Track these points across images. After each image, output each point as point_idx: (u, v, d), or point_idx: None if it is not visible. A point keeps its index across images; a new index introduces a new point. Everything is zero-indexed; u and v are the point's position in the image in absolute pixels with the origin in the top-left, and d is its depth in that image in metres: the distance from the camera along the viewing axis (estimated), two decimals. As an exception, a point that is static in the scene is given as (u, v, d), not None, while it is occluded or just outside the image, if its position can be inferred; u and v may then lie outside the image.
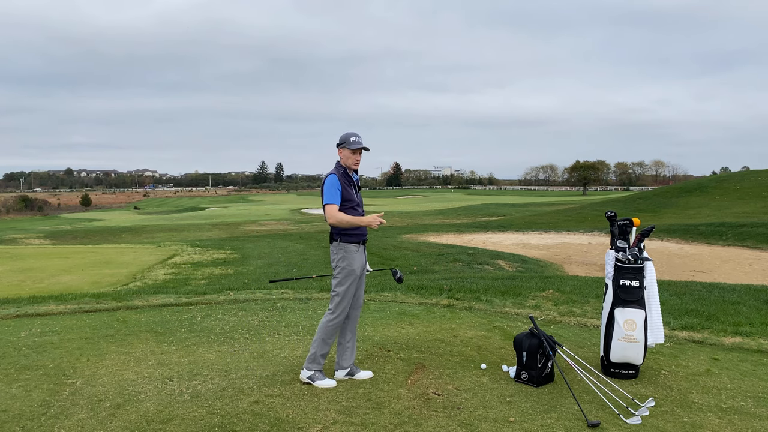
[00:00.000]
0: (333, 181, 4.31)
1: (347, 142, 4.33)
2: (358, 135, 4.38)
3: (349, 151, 4.34)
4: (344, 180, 4.35)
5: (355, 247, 4.40)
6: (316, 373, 4.34)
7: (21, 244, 27.73)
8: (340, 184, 4.31)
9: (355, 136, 4.36)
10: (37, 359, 4.93)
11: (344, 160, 4.37)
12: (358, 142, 4.34)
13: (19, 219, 63.43)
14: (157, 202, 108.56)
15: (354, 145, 4.32)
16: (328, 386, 4.29)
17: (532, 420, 3.75)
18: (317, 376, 4.34)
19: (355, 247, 4.41)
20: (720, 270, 15.86)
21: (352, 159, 4.36)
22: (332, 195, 4.30)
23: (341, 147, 4.37)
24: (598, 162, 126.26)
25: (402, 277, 4.89)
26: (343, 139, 4.37)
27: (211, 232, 38.16)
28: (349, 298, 4.39)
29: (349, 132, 4.39)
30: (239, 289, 8.55)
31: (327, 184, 4.30)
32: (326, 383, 4.32)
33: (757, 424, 3.73)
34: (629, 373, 4.57)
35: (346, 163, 4.37)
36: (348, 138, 4.35)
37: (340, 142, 4.37)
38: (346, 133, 4.39)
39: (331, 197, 4.29)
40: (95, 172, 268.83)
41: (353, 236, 4.42)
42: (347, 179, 4.38)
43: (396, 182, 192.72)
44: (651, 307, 4.63)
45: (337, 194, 4.29)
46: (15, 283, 12.29)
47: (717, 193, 39.28)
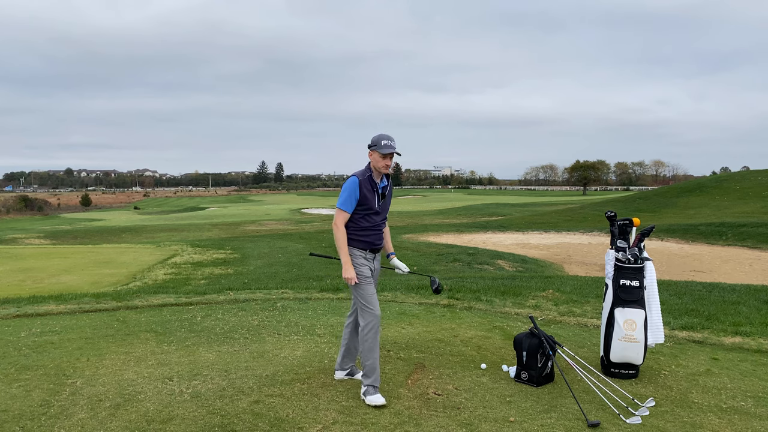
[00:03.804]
0: (350, 184, 4.12)
1: (378, 144, 4.10)
2: (391, 138, 4.13)
3: (380, 155, 4.11)
4: (366, 184, 4.13)
5: (360, 253, 4.22)
6: (369, 388, 4.09)
7: (21, 244, 27.72)
8: (360, 188, 4.10)
9: (387, 138, 4.11)
10: (37, 359, 4.93)
11: (374, 163, 4.15)
12: (389, 146, 4.09)
13: (19, 219, 63.41)
14: (157, 202, 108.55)
15: (385, 149, 4.08)
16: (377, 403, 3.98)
17: (532, 420, 3.75)
18: (369, 390, 4.08)
19: (361, 253, 4.22)
20: (720, 270, 15.86)
21: (382, 163, 4.13)
22: (344, 199, 4.13)
23: (372, 149, 4.14)
24: (598, 162, 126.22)
25: (440, 288, 4.48)
26: (375, 141, 4.14)
27: (211, 232, 38.16)
28: (371, 299, 4.16)
29: (381, 134, 4.15)
30: (239, 289, 8.55)
31: (347, 186, 4.13)
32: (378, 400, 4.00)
33: (757, 424, 3.73)
34: (629, 373, 4.57)
35: (376, 167, 4.15)
36: (379, 141, 4.11)
37: (372, 144, 4.14)
38: (378, 136, 4.15)
39: (343, 202, 4.13)
40: (95, 172, 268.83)
41: (359, 242, 4.22)
42: (370, 184, 4.15)
43: (396, 182, 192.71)
44: (651, 307, 4.63)
45: (350, 200, 4.11)
46: (15, 283, 12.29)
47: (717, 193, 39.25)
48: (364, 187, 4.13)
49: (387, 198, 4.31)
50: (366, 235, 4.21)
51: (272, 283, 10.20)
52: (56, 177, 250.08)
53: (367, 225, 4.22)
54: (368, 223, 4.22)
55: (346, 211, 4.13)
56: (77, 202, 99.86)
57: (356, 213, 4.17)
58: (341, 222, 4.13)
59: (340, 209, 4.13)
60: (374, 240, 4.26)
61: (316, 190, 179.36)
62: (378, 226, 4.28)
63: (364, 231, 4.20)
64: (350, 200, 4.11)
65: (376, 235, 4.26)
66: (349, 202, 4.11)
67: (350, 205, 4.12)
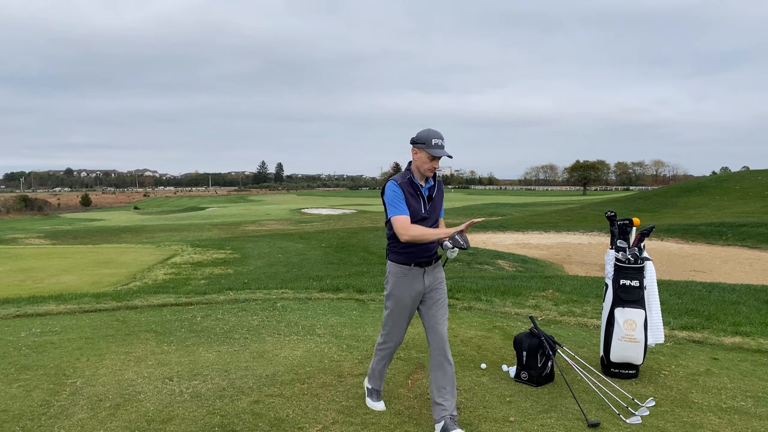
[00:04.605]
0: (390, 187, 3.55)
1: (428, 143, 3.46)
2: (442, 137, 3.51)
3: (428, 156, 3.49)
4: (408, 188, 3.56)
5: (401, 271, 3.63)
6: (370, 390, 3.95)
7: (21, 244, 27.71)
8: (403, 192, 3.53)
9: (438, 137, 3.49)
10: (37, 359, 4.93)
11: (418, 164, 3.55)
12: (440, 147, 3.49)
13: (19, 219, 63.39)
14: (157, 202, 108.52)
15: (435, 150, 3.46)
16: (375, 408, 3.89)
17: (532, 420, 3.75)
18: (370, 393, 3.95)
19: (402, 270, 3.62)
20: (720, 270, 15.86)
21: (429, 165, 3.51)
22: (397, 204, 3.51)
23: (418, 147, 3.52)
24: (598, 162, 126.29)
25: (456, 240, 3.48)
26: (423, 138, 3.49)
27: (211, 232, 38.15)
28: (395, 328, 3.74)
29: (430, 130, 3.50)
30: (239, 289, 8.55)
31: (387, 192, 3.54)
32: (375, 405, 3.91)
33: (757, 424, 3.73)
34: (629, 373, 4.57)
35: (420, 167, 3.55)
36: (429, 139, 3.47)
37: (418, 141, 3.51)
38: (426, 132, 3.50)
39: (397, 207, 3.51)
40: (95, 172, 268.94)
41: (404, 254, 3.61)
42: (412, 187, 3.57)
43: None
44: (651, 307, 4.63)
45: (398, 201, 3.51)
46: (15, 283, 12.29)
47: (717, 193, 39.25)
48: (405, 190, 3.55)
49: (436, 200, 3.68)
50: (410, 246, 3.58)
51: (272, 283, 10.19)
52: (56, 177, 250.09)
53: None
54: None
55: (401, 215, 3.49)
56: (77, 202, 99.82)
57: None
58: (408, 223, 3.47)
59: (396, 216, 3.49)
60: (421, 251, 3.59)
61: (316, 190, 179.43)
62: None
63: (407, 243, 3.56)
64: (399, 202, 3.52)
65: (424, 245, 3.58)
66: (399, 203, 3.52)
67: (403, 207, 3.51)
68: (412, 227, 3.46)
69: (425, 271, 3.65)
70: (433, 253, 3.66)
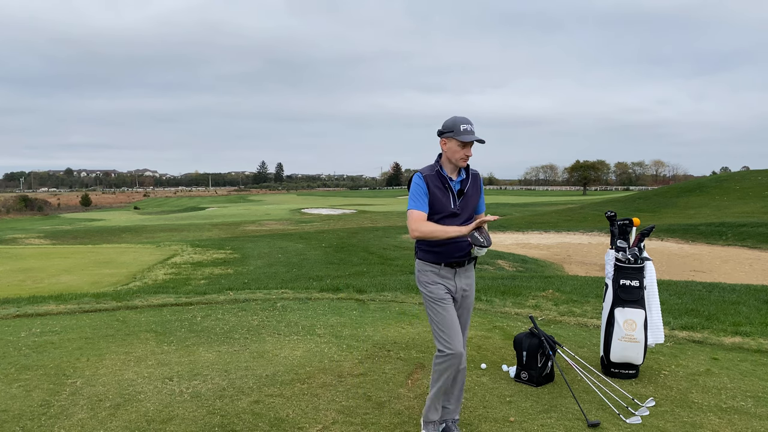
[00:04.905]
0: (417, 179, 3.32)
1: (455, 130, 3.25)
2: (470, 122, 3.28)
3: (458, 143, 3.26)
4: (435, 182, 3.31)
5: (431, 268, 3.36)
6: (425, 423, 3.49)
7: (21, 244, 27.71)
8: (427, 186, 3.29)
9: (466, 122, 3.26)
10: (37, 359, 4.93)
11: (449, 155, 3.31)
12: (470, 132, 3.25)
13: (19, 219, 63.39)
14: (157, 202, 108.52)
15: (465, 135, 3.23)
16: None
17: (532, 420, 3.75)
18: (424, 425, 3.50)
19: (433, 268, 3.36)
20: (720, 270, 15.86)
21: (461, 153, 3.28)
22: (416, 199, 3.29)
23: (446, 137, 3.30)
24: (598, 162, 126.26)
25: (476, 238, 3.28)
26: (449, 126, 3.29)
27: (211, 232, 38.16)
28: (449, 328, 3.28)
29: (456, 117, 3.29)
30: (239, 289, 8.55)
31: (411, 185, 3.33)
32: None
33: (757, 424, 3.73)
34: (629, 373, 4.57)
35: (451, 158, 3.31)
36: (457, 125, 3.25)
37: (445, 131, 3.30)
38: (452, 119, 3.30)
39: (415, 201, 3.29)
40: (95, 172, 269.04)
41: (433, 253, 3.35)
42: (440, 180, 3.32)
43: (396, 182, 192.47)
44: (651, 307, 4.63)
45: (419, 196, 3.28)
46: (15, 283, 12.29)
47: (717, 193, 39.24)
48: (431, 183, 3.30)
49: (470, 195, 3.39)
50: (439, 245, 3.32)
51: (272, 283, 10.20)
52: (56, 177, 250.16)
53: None
54: None
55: (417, 210, 3.26)
56: (77, 202, 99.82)
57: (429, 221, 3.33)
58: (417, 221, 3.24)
59: (411, 209, 3.28)
60: (452, 251, 3.32)
61: (316, 190, 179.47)
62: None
63: (436, 240, 3.31)
64: (419, 196, 3.28)
65: (455, 244, 3.31)
66: (419, 200, 3.27)
67: (422, 204, 3.27)
68: (424, 223, 3.23)
69: (457, 273, 3.38)
70: (465, 252, 3.34)
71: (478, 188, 3.46)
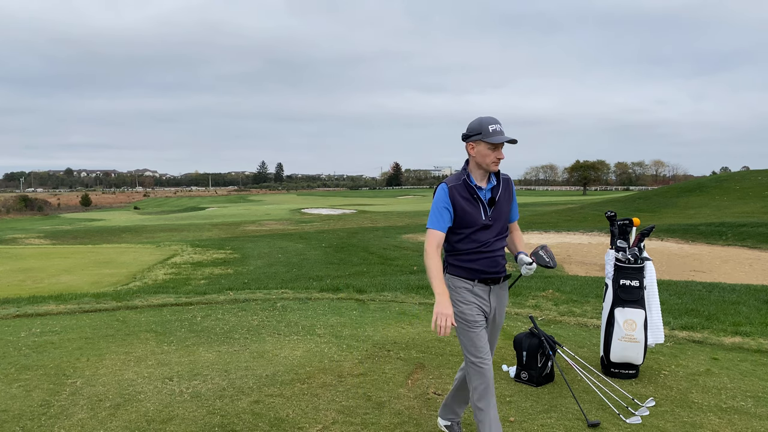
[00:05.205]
0: (438, 194, 3.06)
1: (483, 131, 2.95)
2: (498, 121, 2.99)
3: (487, 146, 2.97)
4: (462, 192, 3.03)
5: (465, 284, 3.08)
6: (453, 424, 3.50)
7: (21, 244, 27.71)
8: (451, 199, 3.01)
9: (494, 122, 2.97)
10: (37, 359, 4.93)
11: (479, 159, 3.01)
12: (500, 132, 2.96)
13: (19, 219, 63.39)
14: (157, 202, 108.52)
15: (495, 137, 2.94)
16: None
17: (532, 420, 3.75)
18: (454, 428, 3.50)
19: (466, 284, 3.08)
20: (720, 270, 15.85)
21: (492, 157, 2.98)
22: (434, 215, 3.04)
23: (473, 140, 3.00)
24: (598, 162, 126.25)
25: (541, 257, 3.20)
26: (475, 128, 2.99)
27: (211, 232, 38.14)
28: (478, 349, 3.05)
29: (482, 118, 3.00)
30: (239, 289, 8.55)
31: (434, 199, 3.08)
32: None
33: (757, 424, 3.73)
34: (629, 373, 4.57)
35: (481, 163, 3.01)
36: (484, 126, 2.96)
37: (471, 134, 3.01)
38: (478, 120, 3.00)
39: (434, 219, 3.04)
40: (95, 172, 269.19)
41: (466, 269, 3.08)
42: (468, 190, 3.03)
43: (396, 182, 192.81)
44: (651, 307, 4.63)
45: (440, 214, 3.02)
46: (15, 283, 12.29)
47: (717, 193, 39.24)
48: (458, 195, 3.02)
49: (502, 203, 3.11)
50: (471, 260, 3.06)
51: (272, 283, 10.20)
52: (56, 177, 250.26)
53: (472, 247, 3.06)
54: (474, 244, 3.06)
55: (436, 230, 3.03)
56: (77, 202, 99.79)
57: (454, 233, 3.07)
58: (431, 245, 3.01)
59: (428, 228, 3.05)
60: (485, 266, 3.07)
61: (316, 190, 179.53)
62: (490, 246, 3.07)
63: (468, 255, 3.07)
64: (440, 215, 3.02)
65: (489, 259, 3.07)
66: (439, 217, 3.02)
67: (441, 221, 3.02)
68: (430, 255, 2.98)
69: (491, 290, 3.11)
70: (501, 268, 3.11)
71: (510, 194, 3.16)
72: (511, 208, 3.21)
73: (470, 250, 3.06)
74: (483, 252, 3.05)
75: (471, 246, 3.05)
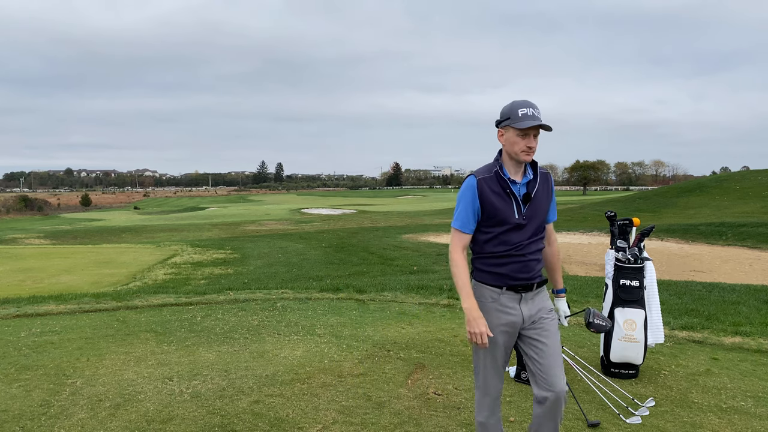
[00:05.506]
0: (464, 189, 2.71)
1: (512, 116, 2.63)
2: (532, 104, 2.64)
3: (516, 132, 2.63)
4: (492, 185, 2.67)
5: (492, 293, 2.74)
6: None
7: (21, 244, 27.70)
8: (480, 192, 2.67)
9: (527, 106, 2.62)
10: (37, 359, 4.93)
11: (507, 147, 2.68)
12: (530, 117, 2.60)
13: (19, 219, 63.38)
14: (157, 202, 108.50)
15: (524, 121, 2.60)
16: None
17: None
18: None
19: (493, 292, 2.74)
20: (720, 270, 15.85)
21: (522, 144, 2.63)
22: (460, 213, 2.72)
23: (503, 126, 2.68)
24: (598, 162, 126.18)
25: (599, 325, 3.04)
26: (506, 112, 2.67)
27: (211, 232, 38.13)
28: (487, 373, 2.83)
29: (515, 101, 2.67)
30: (239, 289, 8.55)
31: (460, 190, 2.75)
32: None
33: (757, 424, 3.72)
34: (629, 373, 4.57)
35: (510, 152, 2.68)
36: (514, 110, 2.63)
37: (502, 119, 2.69)
38: (509, 105, 2.68)
39: (458, 217, 2.73)
40: (95, 172, 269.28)
41: (493, 274, 2.73)
42: (499, 183, 2.68)
43: (396, 182, 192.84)
44: (651, 307, 4.63)
45: (466, 212, 2.70)
46: (15, 283, 12.29)
47: (717, 193, 39.24)
48: (487, 188, 2.67)
49: (539, 199, 2.74)
50: (499, 264, 2.71)
51: (272, 283, 10.20)
52: (56, 177, 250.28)
53: (501, 250, 2.70)
54: (504, 246, 2.69)
55: (461, 231, 2.72)
56: (77, 202, 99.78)
57: (482, 232, 2.72)
58: (456, 249, 2.72)
59: (453, 230, 2.75)
60: (515, 271, 2.70)
61: (316, 190, 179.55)
62: (522, 249, 2.70)
63: (496, 258, 2.71)
64: (466, 213, 2.69)
65: (521, 263, 2.70)
66: (465, 216, 2.70)
67: (467, 221, 2.70)
68: (456, 260, 2.70)
69: (522, 298, 2.74)
70: (535, 273, 2.75)
71: (549, 191, 2.79)
72: (550, 207, 2.84)
73: (499, 253, 2.70)
74: (514, 255, 2.69)
75: (500, 249, 2.69)
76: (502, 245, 2.69)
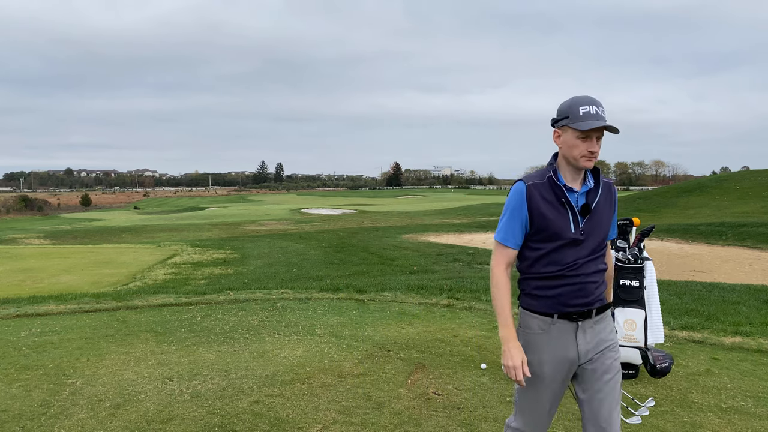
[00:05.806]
0: (512, 196, 2.30)
1: (571, 115, 2.22)
2: (595, 102, 2.23)
3: (576, 134, 2.23)
4: (545, 193, 2.26)
5: (539, 323, 2.32)
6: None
7: (21, 244, 27.70)
8: (529, 201, 2.26)
9: (589, 104, 2.21)
10: (37, 359, 4.93)
11: (565, 150, 2.28)
12: (593, 116, 2.20)
13: (19, 219, 63.37)
14: (157, 202, 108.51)
15: (585, 121, 2.20)
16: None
17: (532, 420, 3.75)
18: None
19: (541, 322, 2.32)
20: (720, 270, 15.85)
21: (582, 148, 2.24)
22: (505, 224, 2.32)
23: (560, 125, 2.28)
24: (598, 162, 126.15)
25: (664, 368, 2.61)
26: (564, 110, 2.26)
27: (211, 232, 38.12)
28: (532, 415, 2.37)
29: (575, 98, 2.25)
30: (239, 289, 8.55)
31: (507, 198, 2.34)
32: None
33: (757, 424, 3.72)
34: (629, 373, 4.57)
35: (568, 156, 2.27)
36: (574, 108, 2.22)
37: (560, 117, 2.28)
38: (569, 101, 2.26)
39: (504, 229, 2.33)
40: (95, 172, 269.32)
41: (543, 298, 2.30)
42: (554, 190, 2.27)
43: (396, 182, 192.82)
44: (651, 307, 4.63)
45: (511, 224, 2.31)
46: (15, 283, 12.29)
47: (717, 193, 39.24)
48: (538, 196, 2.26)
49: (601, 212, 2.31)
50: (550, 287, 2.29)
51: (272, 283, 10.20)
52: (56, 177, 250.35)
53: (553, 270, 2.27)
54: (555, 266, 2.27)
55: (504, 245, 2.33)
56: (77, 202, 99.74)
57: (531, 248, 2.32)
58: (499, 266, 2.34)
59: (495, 243, 2.36)
60: (569, 295, 2.27)
61: (316, 190, 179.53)
62: (578, 269, 2.27)
63: (546, 280, 2.30)
64: (512, 224, 2.30)
65: (576, 285, 2.27)
66: (510, 227, 2.31)
67: (512, 234, 2.31)
68: (498, 278, 2.32)
69: (579, 327, 2.29)
70: (594, 298, 2.30)
71: (612, 203, 2.36)
72: (612, 222, 2.39)
73: (550, 273, 2.27)
74: (568, 276, 2.26)
75: (551, 269, 2.27)
76: (553, 265, 2.26)
